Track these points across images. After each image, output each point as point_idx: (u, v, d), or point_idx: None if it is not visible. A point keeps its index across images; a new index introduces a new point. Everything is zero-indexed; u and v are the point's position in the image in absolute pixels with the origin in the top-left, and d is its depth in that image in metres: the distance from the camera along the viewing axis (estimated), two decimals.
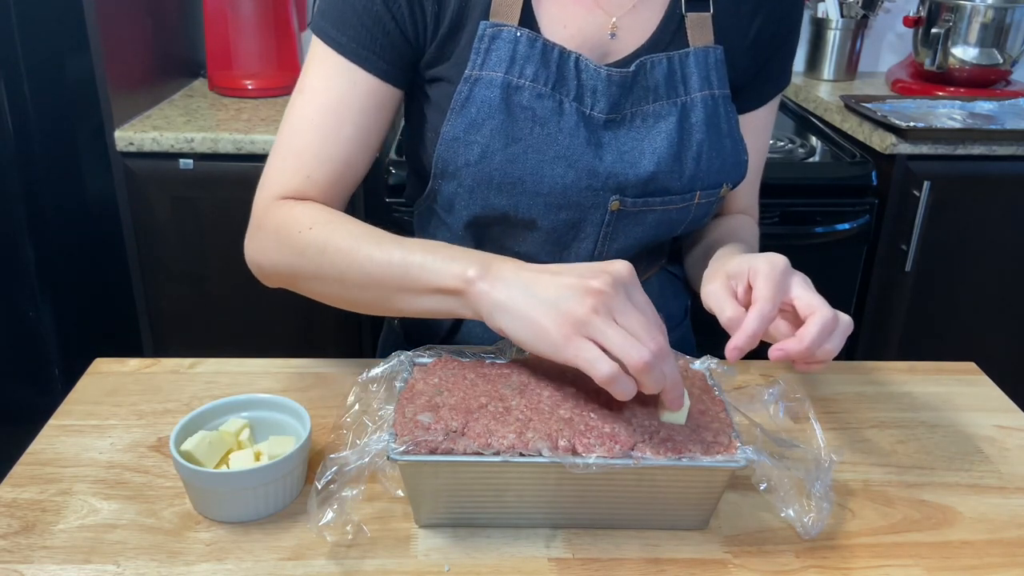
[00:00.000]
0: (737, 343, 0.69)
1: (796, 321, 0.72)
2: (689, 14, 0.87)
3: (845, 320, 0.72)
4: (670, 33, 0.87)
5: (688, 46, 0.87)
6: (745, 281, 0.74)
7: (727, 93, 0.89)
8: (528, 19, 0.84)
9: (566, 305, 0.64)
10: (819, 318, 0.69)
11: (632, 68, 0.85)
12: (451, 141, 0.85)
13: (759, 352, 0.72)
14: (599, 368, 0.62)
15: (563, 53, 0.84)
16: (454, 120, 0.84)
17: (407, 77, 0.87)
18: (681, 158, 0.87)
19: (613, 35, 0.86)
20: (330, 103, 0.83)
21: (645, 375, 0.63)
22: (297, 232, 0.81)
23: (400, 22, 0.83)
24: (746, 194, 1.02)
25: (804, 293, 0.72)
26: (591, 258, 0.91)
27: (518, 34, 0.83)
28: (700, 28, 0.87)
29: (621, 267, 0.67)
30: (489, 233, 0.92)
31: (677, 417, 0.68)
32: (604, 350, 0.63)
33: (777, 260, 0.73)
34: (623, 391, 0.63)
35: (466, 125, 0.84)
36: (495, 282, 0.69)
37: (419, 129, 0.91)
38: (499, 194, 0.86)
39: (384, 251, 0.76)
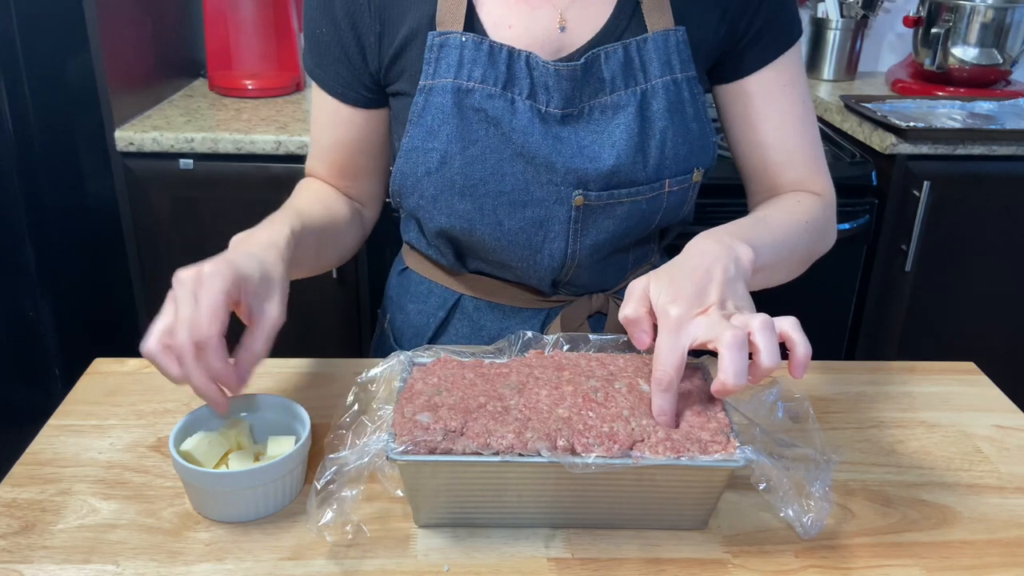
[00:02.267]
0: (657, 420, 0.67)
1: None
2: None
3: (757, 324, 0.65)
4: (625, 20, 0.86)
5: (646, 31, 0.86)
6: None
7: (692, 75, 0.87)
8: (473, 24, 0.85)
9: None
10: (721, 348, 0.64)
11: (582, 61, 0.84)
12: (410, 151, 0.87)
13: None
14: (147, 335, 0.68)
15: (512, 52, 0.84)
16: (412, 131, 0.86)
17: (373, 97, 0.92)
18: (643, 148, 0.86)
19: (563, 28, 0.86)
20: (322, 121, 0.96)
21: (152, 358, 0.68)
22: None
23: (347, 48, 0.88)
24: (788, 167, 0.93)
25: (704, 331, 0.67)
26: (565, 257, 0.90)
27: (463, 39, 0.84)
28: (658, 11, 0.86)
29: (207, 267, 0.71)
30: (457, 241, 0.93)
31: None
32: None
33: (669, 320, 0.67)
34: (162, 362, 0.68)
35: (424, 134, 0.85)
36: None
37: (393, 146, 0.94)
38: (463, 199, 0.87)
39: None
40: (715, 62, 0.91)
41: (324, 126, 0.96)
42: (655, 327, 0.69)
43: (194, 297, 0.67)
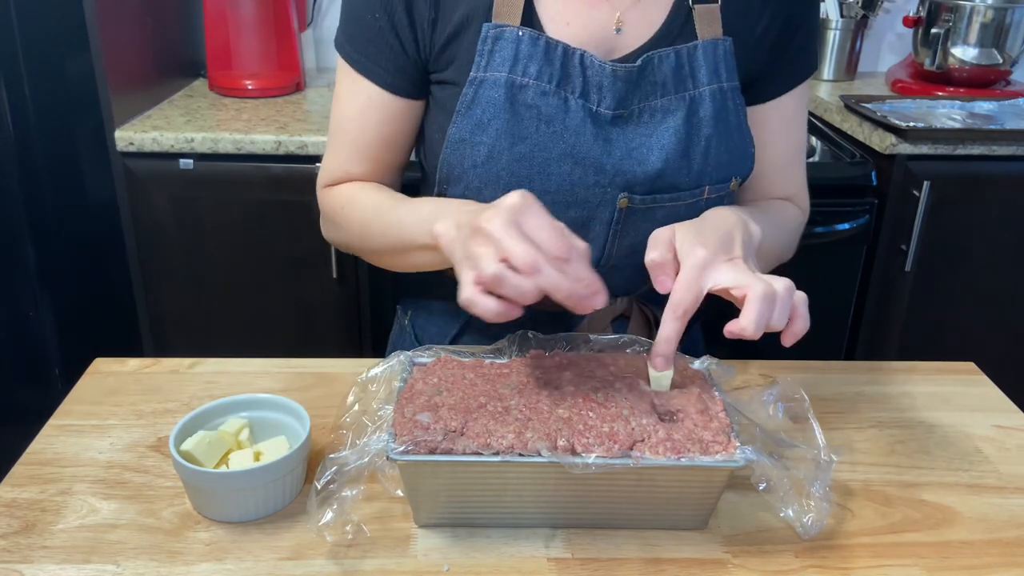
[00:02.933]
0: (657, 350, 0.70)
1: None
2: (696, 6, 0.86)
3: (782, 286, 0.69)
4: (677, 26, 0.87)
5: (696, 39, 0.86)
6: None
7: (736, 85, 0.88)
8: (530, 18, 0.84)
9: (464, 241, 0.69)
10: (752, 296, 0.68)
11: (638, 63, 0.84)
12: (457, 143, 0.85)
13: (759, 352, 0.72)
14: (484, 265, 0.65)
15: (568, 50, 0.83)
16: (460, 122, 0.85)
17: (418, 87, 0.90)
18: (689, 153, 0.86)
19: (619, 30, 0.86)
20: (353, 113, 0.91)
21: (530, 269, 0.64)
22: (336, 212, 0.94)
23: (401, 34, 0.86)
24: (785, 181, 0.99)
25: (732, 276, 0.70)
26: (601, 258, 0.90)
27: (520, 33, 0.83)
28: (708, 20, 0.86)
29: (513, 198, 0.68)
30: None
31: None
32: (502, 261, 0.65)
33: (696, 258, 0.71)
34: (513, 291, 0.64)
35: (472, 126, 0.84)
36: (451, 233, 0.73)
37: (428, 133, 0.92)
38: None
39: (382, 218, 0.87)
40: (749, 81, 0.91)
41: (368, 124, 0.91)
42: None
43: (519, 228, 0.66)
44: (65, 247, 1.79)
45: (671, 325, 0.70)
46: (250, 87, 1.96)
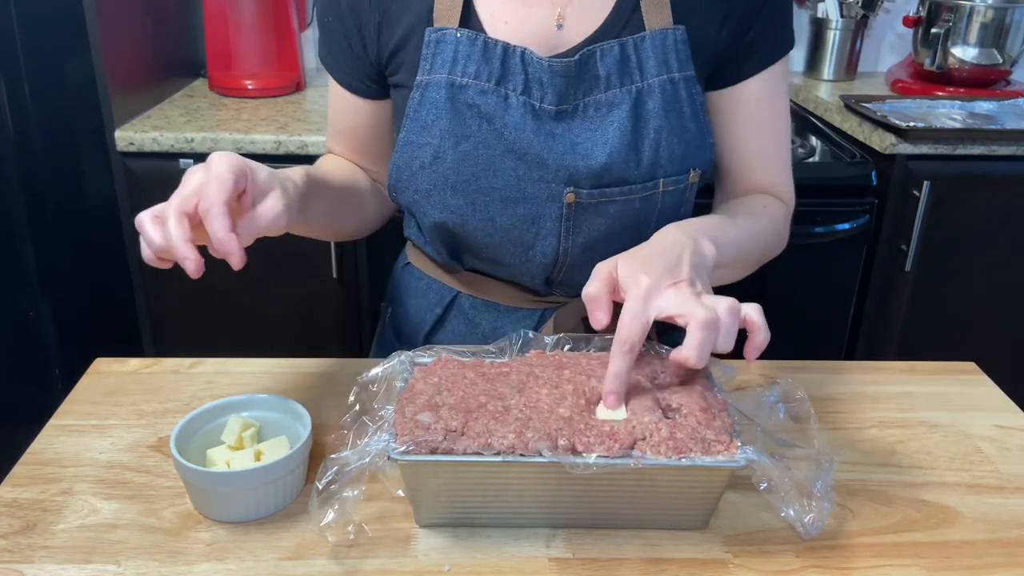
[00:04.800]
0: (608, 388, 0.68)
1: None
2: None
3: (723, 307, 0.68)
4: (624, 18, 0.86)
5: (644, 30, 0.86)
6: None
7: (690, 75, 0.87)
8: (470, 19, 0.86)
9: None
10: (692, 325, 0.66)
11: (576, 57, 0.84)
12: (405, 146, 0.88)
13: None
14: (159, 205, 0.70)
15: (508, 48, 0.84)
16: (408, 125, 0.87)
17: (374, 88, 0.94)
18: (637, 146, 0.86)
19: (560, 26, 0.86)
20: (335, 103, 0.99)
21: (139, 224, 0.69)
22: None
23: (350, 37, 0.91)
24: (763, 170, 0.96)
25: (676, 303, 0.69)
26: (556, 255, 0.91)
27: (459, 35, 0.84)
28: (657, 10, 0.86)
29: (217, 155, 0.71)
30: (452, 236, 0.93)
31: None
32: None
33: (639, 290, 0.69)
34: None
35: (419, 128, 0.86)
36: None
37: (394, 136, 0.95)
38: (455, 193, 0.87)
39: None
40: (714, 67, 0.90)
41: (338, 111, 0.99)
42: (616, 308, 0.71)
43: (202, 172, 0.69)
44: (65, 247, 1.79)
45: (619, 361, 0.68)
46: (250, 87, 1.96)
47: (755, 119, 0.93)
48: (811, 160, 1.80)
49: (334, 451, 0.67)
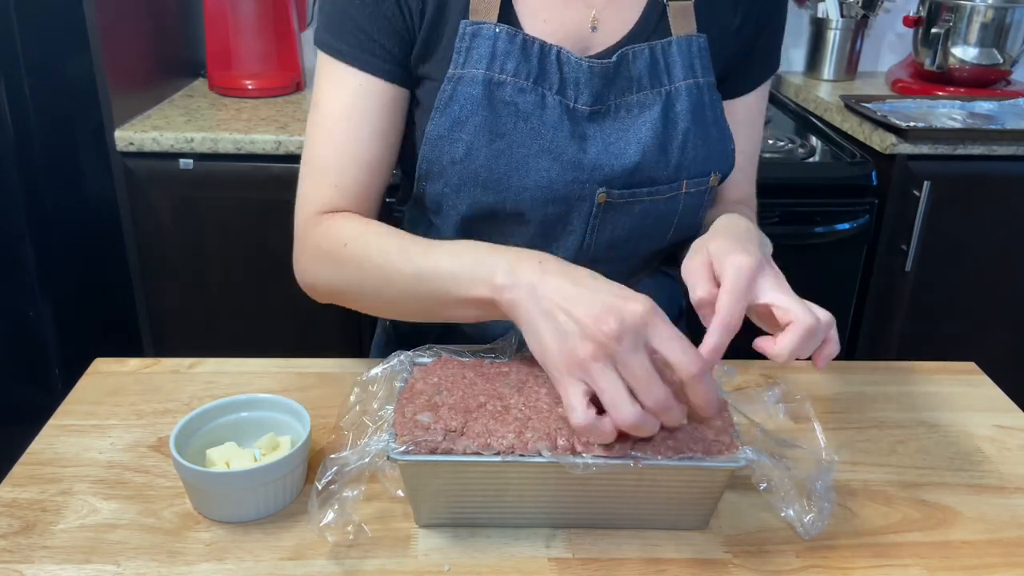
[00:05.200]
0: (701, 364, 0.67)
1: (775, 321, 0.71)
2: (671, 3, 0.87)
3: (825, 320, 0.69)
4: (652, 23, 0.87)
5: (671, 35, 0.87)
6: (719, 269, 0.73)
7: (711, 81, 0.89)
8: (507, 15, 0.85)
9: (571, 342, 0.64)
10: (798, 328, 0.67)
11: (614, 59, 0.85)
12: (436, 140, 0.85)
13: (759, 353, 0.71)
14: (573, 417, 0.63)
15: (544, 47, 0.84)
16: (438, 119, 0.85)
17: (407, 74, 0.88)
18: (666, 148, 0.87)
19: (594, 28, 0.87)
20: (342, 111, 0.85)
21: (632, 429, 0.64)
22: (334, 251, 0.83)
23: (391, 19, 0.84)
24: (741, 183, 1.00)
25: (779, 297, 0.70)
26: (579, 250, 0.90)
27: (497, 30, 0.83)
28: (682, 17, 0.87)
29: (636, 309, 0.64)
30: (478, 231, 0.92)
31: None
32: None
33: (743, 265, 0.70)
34: (599, 436, 0.64)
35: (450, 123, 0.84)
36: (519, 292, 0.69)
37: (408, 130, 0.91)
38: (486, 191, 0.86)
39: (414, 264, 0.77)
40: (721, 77, 0.92)
41: (356, 117, 0.85)
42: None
43: (639, 348, 0.64)
44: (65, 247, 1.79)
45: (718, 338, 0.67)
46: (250, 87, 1.96)
47: (744, 134, 0.96)
48: (811, 160, 1.80)
49: (334, 451, 0.67)
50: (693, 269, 0.75)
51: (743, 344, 0.71)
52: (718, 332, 0.68)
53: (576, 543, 0.69)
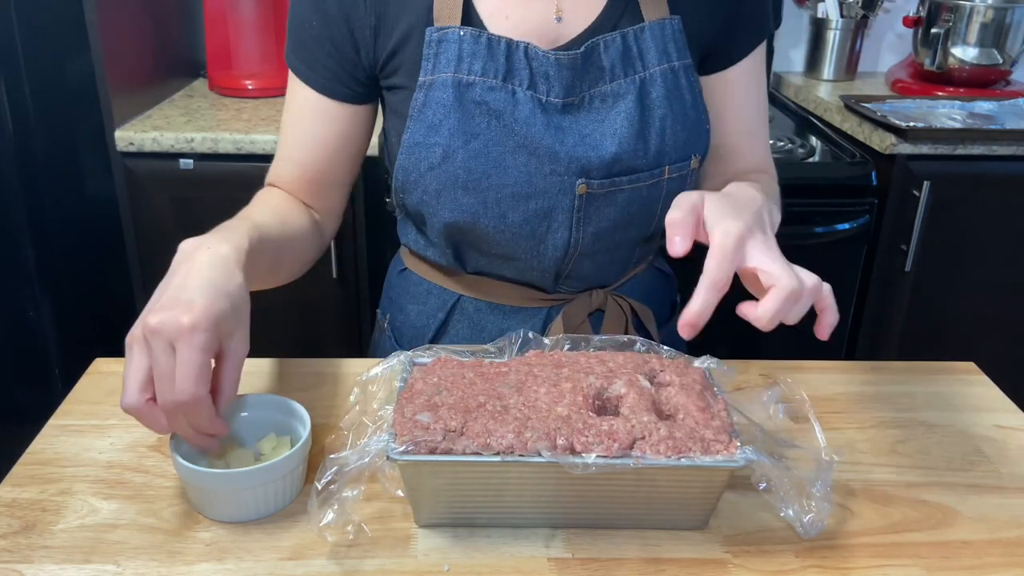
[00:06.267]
0: (686, 319, 0.67)
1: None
2: None
3: (810, 284, 0.68)
4: (619, 9, 0.87)
5: (642, 20, 0.87)
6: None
7: (688, 63, 0.89)
8: (470, 17, 0.86)
9: (144, 314, 0.69)
10: (779, 291, 0.66)
11: (582, 50, 0.85)
12: (413, 147, 0.87)
13: (759, 352, 0.72)
14: (125, 389, 0.67)
15: (511, 44, 0.84)
16: (413, 126, 0.86)
17: (358, 93, 0.92)
18: (644, 135, 0.87)
19: (559, 18, 0.87)
20: (292, 115, 0.95)
21: (130, 412, 0.66)
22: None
23: (338, 42, 0.88)
24: (746, 153, 0.98)
25: (764, 261, 0.68)
26: (567, 247, 0.91)
27: (462, 33, 0.84)
28: (652, 1, 0.87)
29: (182, 321, 0.65)
30: (464, 237, 0.92)
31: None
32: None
33: (730, 230, 0.68)
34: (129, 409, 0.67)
35: (425, 129, 0.85)
36: (179, 256, 0.78)
37: (389, 138, 0.94)
38: (466, 192, 0.87)
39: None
40: (705, 53, 0.92)
41: (303, 126, 0.94)
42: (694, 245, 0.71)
43: (172, 350, 0.65)
44: (65, 247, 1.79)
45: (706, 295, 0.66)
46: (250, 87, 1.96)
47: (744, 100, 0.96)
48: (811, 160, 1.80)
49: (334, 451, 0.67)
50: (684, 197, 0.73)
51: (743, 344, 0.71)
52: (704, 291, 0.67)
53: (575, 543, 0.69)
